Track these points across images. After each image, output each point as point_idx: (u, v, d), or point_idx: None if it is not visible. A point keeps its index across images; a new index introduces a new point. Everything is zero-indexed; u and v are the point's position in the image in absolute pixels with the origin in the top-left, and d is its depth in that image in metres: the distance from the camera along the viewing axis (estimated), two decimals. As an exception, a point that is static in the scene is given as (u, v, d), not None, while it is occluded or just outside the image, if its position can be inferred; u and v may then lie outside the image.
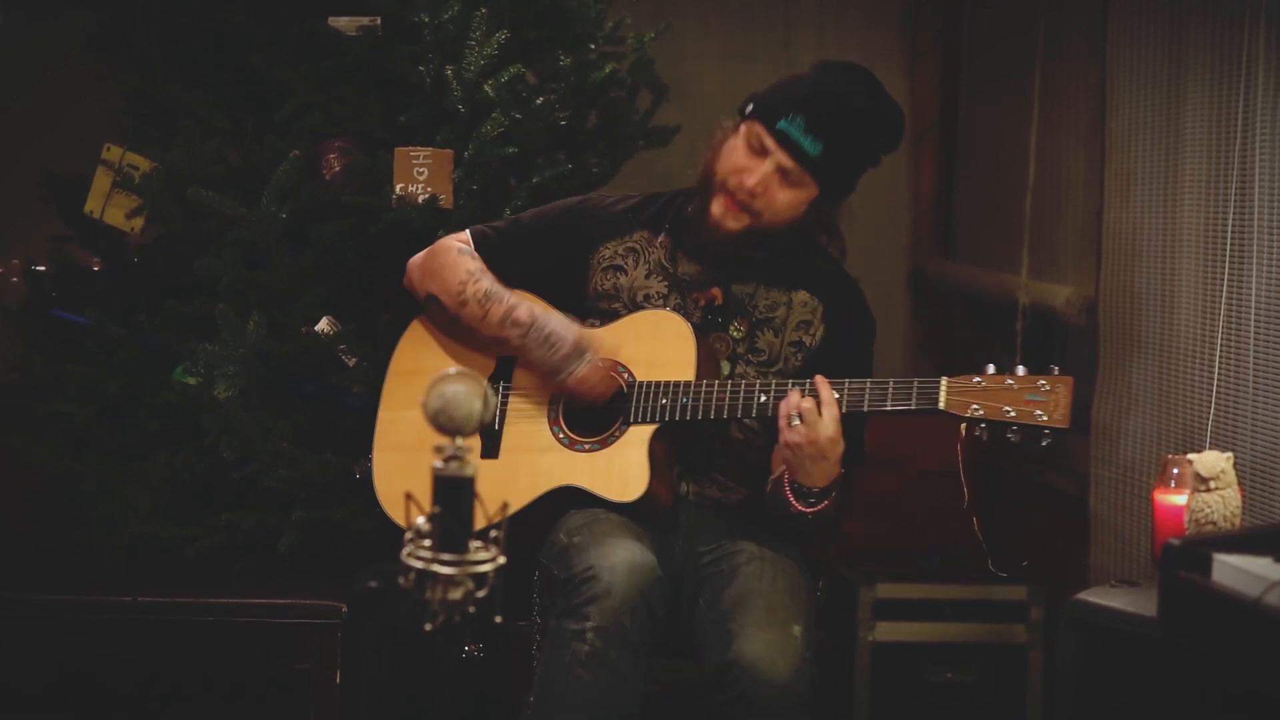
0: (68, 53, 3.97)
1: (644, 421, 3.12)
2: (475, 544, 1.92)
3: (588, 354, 3.15)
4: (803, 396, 2.97)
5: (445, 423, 1.92)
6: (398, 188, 3.64)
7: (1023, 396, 2.92)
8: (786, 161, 3.14)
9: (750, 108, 3.21)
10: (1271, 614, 2.24)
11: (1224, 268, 3.49)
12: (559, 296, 3.29)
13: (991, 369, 2.97)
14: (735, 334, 3.23)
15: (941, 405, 2.96)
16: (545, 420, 3.21)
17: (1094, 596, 3.06)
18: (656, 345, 3.17)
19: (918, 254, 5.36)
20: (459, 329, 3.32)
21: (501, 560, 1.94)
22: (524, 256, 3.32)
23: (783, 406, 2.98)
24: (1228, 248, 3.47)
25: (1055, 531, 4.50)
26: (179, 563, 3.66)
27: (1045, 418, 2.91)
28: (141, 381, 3.76)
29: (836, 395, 2.98)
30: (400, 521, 3.12)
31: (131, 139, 3.83)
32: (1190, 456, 3.01)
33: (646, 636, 2.95)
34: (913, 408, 2.97)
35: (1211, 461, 2.96)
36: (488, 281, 3.25)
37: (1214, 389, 3.51)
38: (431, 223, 3.63)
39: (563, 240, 3.32)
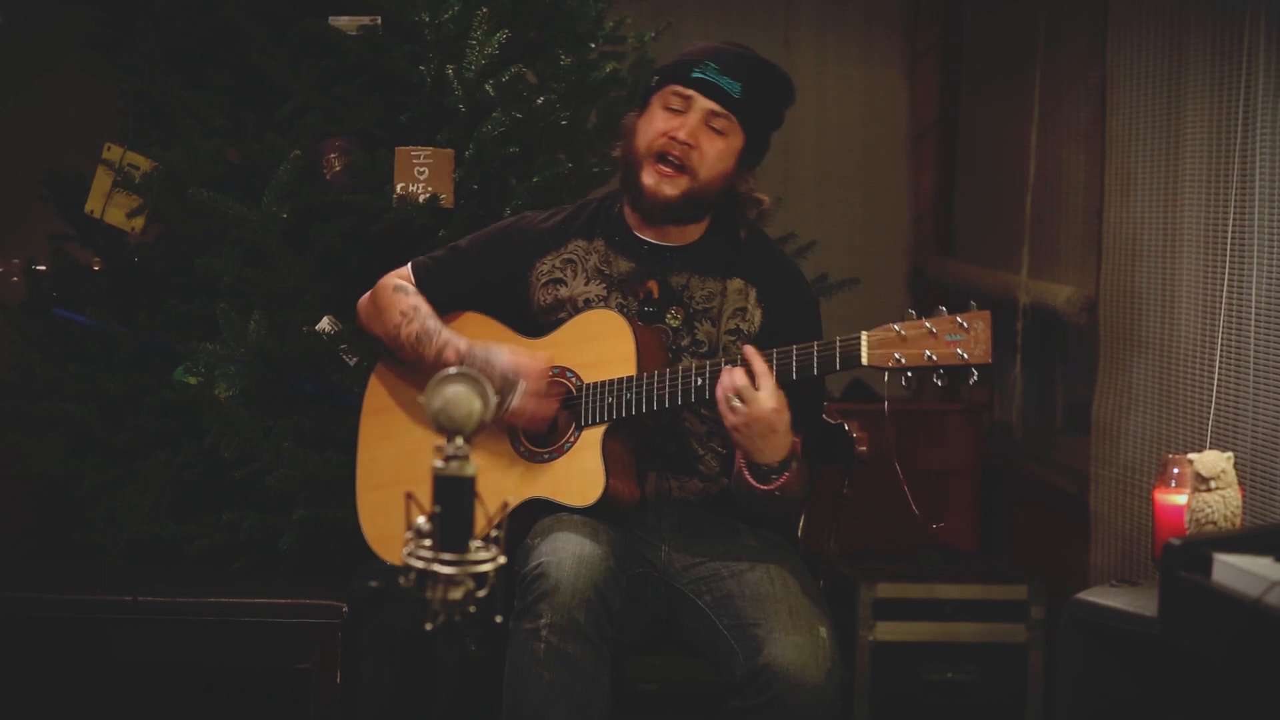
0: (68, 52, 3.97)
1: (595, 423, 3.13)
2: (475, 543, 1.93)
3: (519, 383, 3.14)
4: (734, 371, 2.95)
5: (446, 422, 1.93)
6: (398, 187, 3.64)
7: (943, 338, 2.88)
8: (712, 105, 3.15)
9: (655, 80, 3.23)
10: (1271, 614, 2.24)
11: (1224, 267, 3.49)
12: (507, 315, 3.29)
13: (912, 314, 2.93)
14: (672, 322, 3.23)
15: (864, 360, 2.91)
16: (506, 436, 3.23)
17: (1094, 596, 3.06)
18: (598, 345, 3.17)
19: (918, 254, 5.36)
20: (415, 368, 3.33)
21: (502, 560, 1.94)
22: (465, 284, 3.32)
23: (719, 391, 2.96)
24: (1228, 247, 3.47)
25: (1056, 531, 4.50)
26: (180, 562, 3.67)
27: (966, 355, 2.87)
28: (142, 381, 3.76)
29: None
30: (393, 560, 3.13)
31: (132, 138, 3.83)
32: (1191, 456, 3.01)
33: (605, 629, 2.94)
34: (838, 368, 2.94)
35: (1212, 461, 2.96)
36: (419, 322, 3.25)
37: (1214, 389, 3.51)
38: (432, 222, 3.63)
39: (499, 262, 3.31)
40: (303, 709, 3.45)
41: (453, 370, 1.95)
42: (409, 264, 3.35)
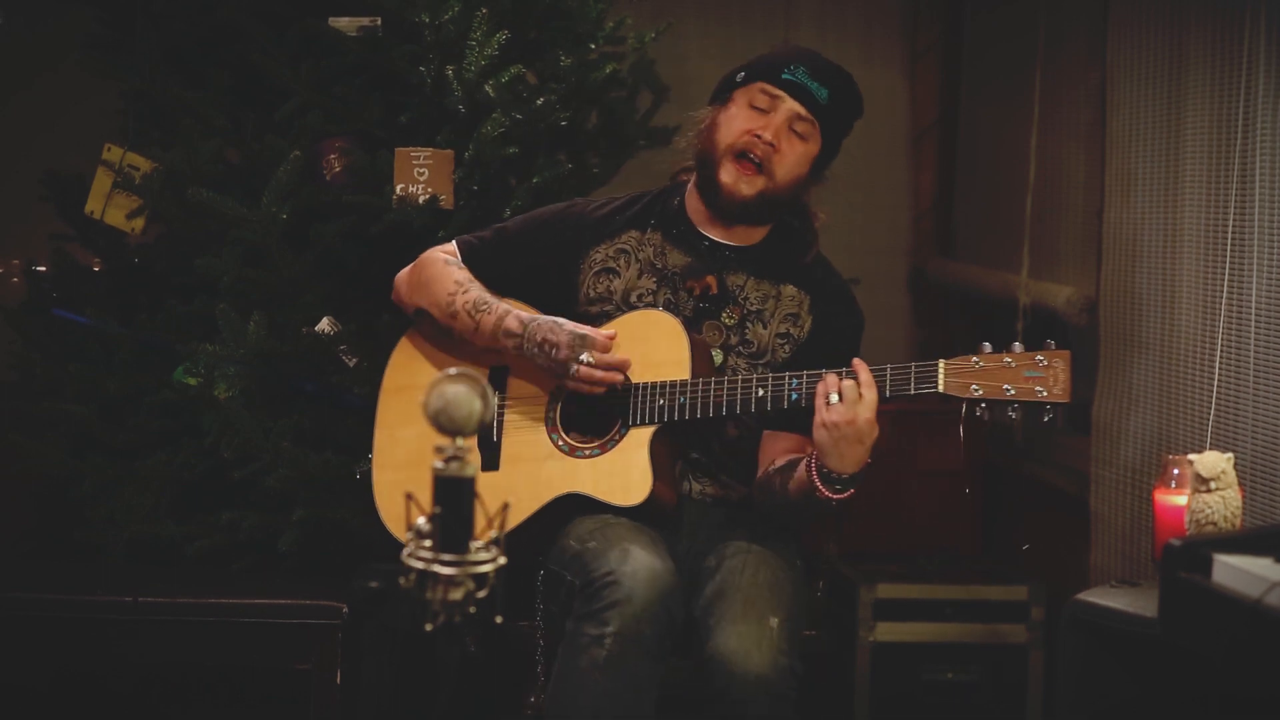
0: (68, 53, 3.97)
1: (643, 423, 3.11)
2: (475, 544, 1.92)
3: (586, 350, 3.11)
4: (841, 379, 2.94)
5: (446, 423, 1.92)
6: (398, 188, 3.64)
7: (1021, 374, 2.90)
8: (798, 108, 3.16)
9: (742, 75, 3.23)
10: (1272, 614, 2.23)
11: (1224, 268, 3.49)
12: (550, 303, 3.26)
13: (988, 347, 2.94)
14: (728, 321, 3.23)
15: (940, 388, 2.93)
16: (544, 428, 3.20)
17: (1094, 597, 3.06)
18: (649, 345, 3.15)
19: (918, 254, 5.36)
20: (449, 341, 3.31)
21: (502, 561, 1.94)
22: (512, 265, 3.29)
23: (820, 386, 2.94)
24: (1228, 248, 3.47)
25: (1056, 531, 4.50)
26: (180, 562, 3.67)
27: (1045, 393, 2.90)
28: (142, 381, 3.76)
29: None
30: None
31: (132, 139, 3.83)
32: (1191, 457, 3.00)
33: (666, 646, 2.93)
34: (911, 392, 2.95)
35: (1212, 462, 2.96)
36: (476, 291, 3.23)
37: (1214, 389, 3.51)
38: (432, 223, 3.63)
39: (551, 247, 3.29)
40: (303, 709, 3.46)
41: (452, 371, 1.95)
42: (454, 241, 3.33)
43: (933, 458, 4.72)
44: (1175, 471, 3.11)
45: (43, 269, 4.04)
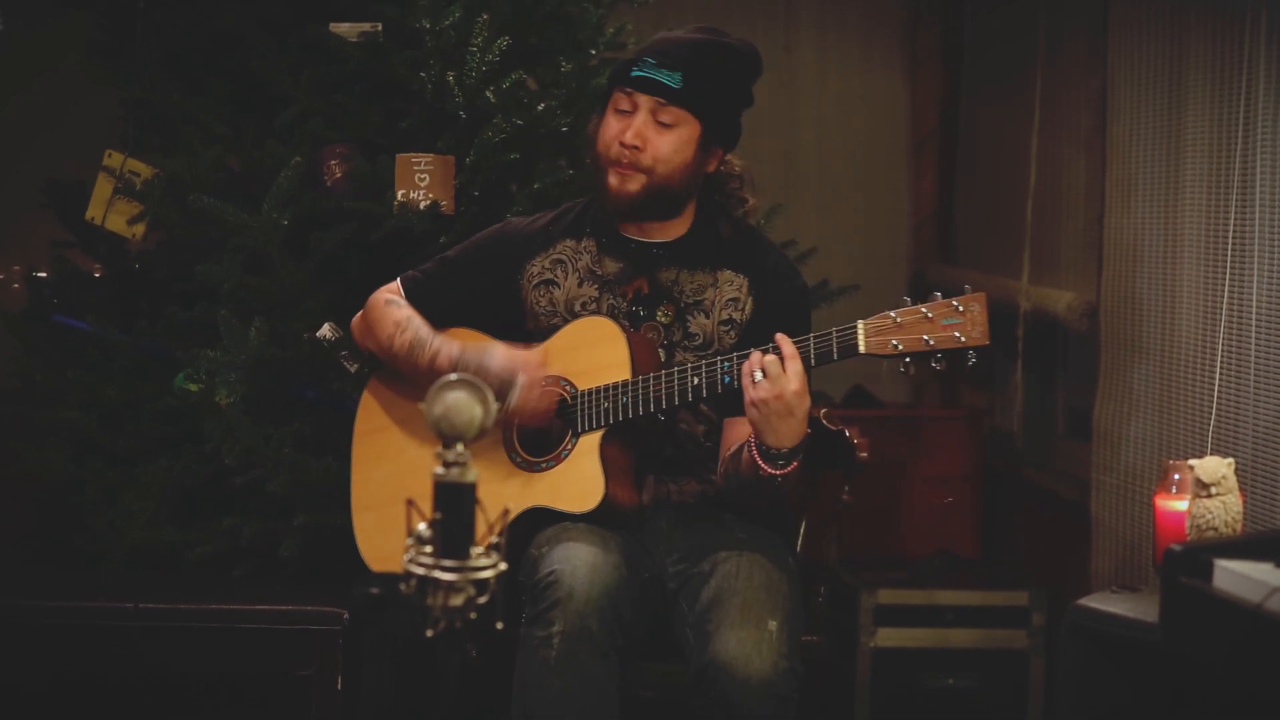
0: (68, 59, 3.97)
1: (591, 429, 3.13)
2: (476, 550, 1.93)
3: (518, 378, 3.12)
4: (764, 356, 2.94)
5: (447, 429, 1.93)
6: (399, 194, 3.64)
7: (939, 323, 2.88)
8: (651, 102, 3.16)
9: (607, 83, 3.25)
10: (1272, 620, 2.23)
11: (1225, 273, 3.49)
12: (500, 326, 3.27)
13: (908, 301, 2.94)
14: (663, 319, 3.23)
15: (862, 349, 2.91)
16: (502, 448, 3.22)
17: (1095, 602, 3.06)
18: (591, 352, 3.16)
19: (919, 260, 5.36)
20: (411, 380, 3.32)
21: (503, 566, 1.94)
22: (454, 293, 3.31)
23: (745, 366, 2.94)
24: (1229, 253, 3.47)
25: (1056, 537, 4.50)
26: (180, 569, 3.67)
27: (964, 338, 2.87)
28: (143, 388, 3.76)
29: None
30: None
31: (132, 145, 3.83)
32: (1191, 462, 3.01)
33: (617, 639, 2.94)
34: (835, 358, 2.94)
35: (1213, 467, 2.96)
36: (412, 330, 3.25)
37: (1215, 394, 3.51)
38: (433, 229, 3.63)
39: (489, 268, 3.31)
40: (303, 715, 3.45)
41: (453, 377, 1.95)
42: (398, 279, 3.35)
43: (933, 464, 4.73)
44: (1176, 477, 3.11)
45: (43, 275, 4.04)
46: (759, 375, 2.92)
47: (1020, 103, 4.71)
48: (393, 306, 3.30)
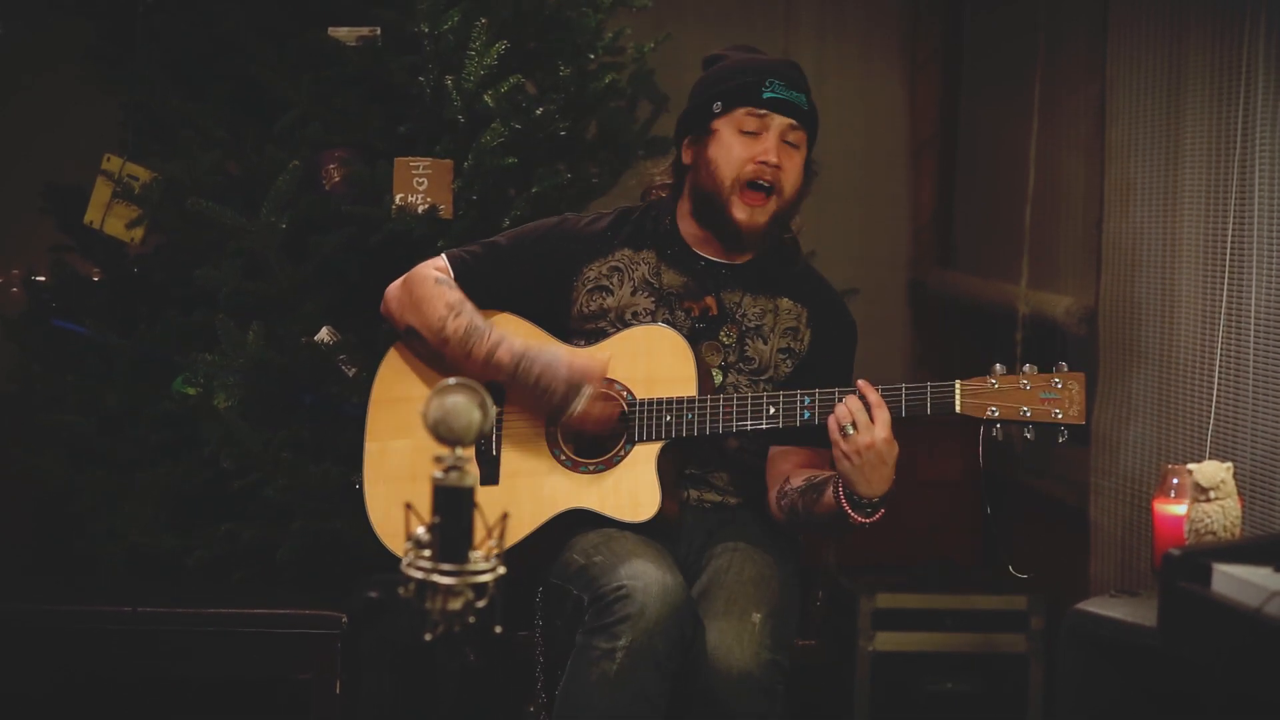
0: (68, 64, 3.97)
1: (649, 440, 3.10)
2: (475, 554, 1.92)
3: (585, 387, 3.08)
4: (850, 400, 2.94)
5: (445, 433, 1.93)
6: (397, 198, 3.64)
7: (1037, 395, 2.93)
8: (787, 121, 3.17)
9: (719, 105, 3.19)
10: (1271, 624, 2.24)
11: (1224, 277, 3.49)
12: (542, 317, 3.25)
13: (1000, 368, 2.97)
14: (726, 340, 3.22)
15: (958, 409, 2.95)
16: (544, 442, 3.18)
17: (1094, 606, 3.05)
18: (653, 362, 3.14)
19: (918, 265, 5.36)
20: (453, 365, 3.25)
21: (501, 570, 1.94)
22: (504, 282, 3.25)
23: (831, 420, 2.94)
24: (1227, 258, 3.47)
25: (1055, 541, 4.50)
26: (179, 573, 3.67)
27: (1061, 415, 2.93)
28: (141, 392, 3.76)
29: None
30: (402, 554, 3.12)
31: (131, 150, 3.83)
32: (1190, 466, 3.01)
33: (675, 661, 2.91)
34: (928, 412, 2.96)
35: (1211, 471, 2.96)
36: (468, 317, 3.16)
37: (1214, 399, 3.51)
38: (431, 233, 3.63)
39: (544, 264, 3.26)
40: (303, 719, 3.45)
41: (451, 381, 1.95)
42: (443, 255, 3.27)
43: (932, 468, 4.72)
44: (1174, 481, 3.11)
45: (42, 279, 4.04)
46: (850, 430, 2.92)
47: (1020, 106, 4.71)
48: (444, 286, 3.20)
